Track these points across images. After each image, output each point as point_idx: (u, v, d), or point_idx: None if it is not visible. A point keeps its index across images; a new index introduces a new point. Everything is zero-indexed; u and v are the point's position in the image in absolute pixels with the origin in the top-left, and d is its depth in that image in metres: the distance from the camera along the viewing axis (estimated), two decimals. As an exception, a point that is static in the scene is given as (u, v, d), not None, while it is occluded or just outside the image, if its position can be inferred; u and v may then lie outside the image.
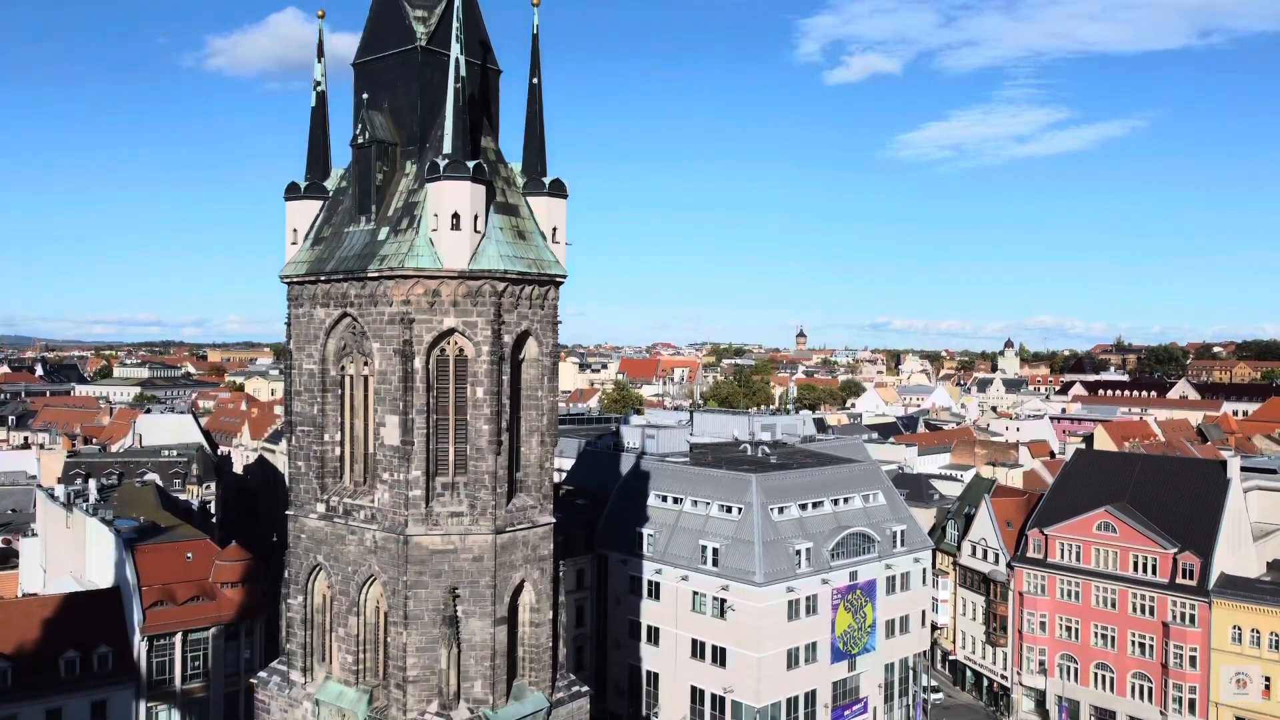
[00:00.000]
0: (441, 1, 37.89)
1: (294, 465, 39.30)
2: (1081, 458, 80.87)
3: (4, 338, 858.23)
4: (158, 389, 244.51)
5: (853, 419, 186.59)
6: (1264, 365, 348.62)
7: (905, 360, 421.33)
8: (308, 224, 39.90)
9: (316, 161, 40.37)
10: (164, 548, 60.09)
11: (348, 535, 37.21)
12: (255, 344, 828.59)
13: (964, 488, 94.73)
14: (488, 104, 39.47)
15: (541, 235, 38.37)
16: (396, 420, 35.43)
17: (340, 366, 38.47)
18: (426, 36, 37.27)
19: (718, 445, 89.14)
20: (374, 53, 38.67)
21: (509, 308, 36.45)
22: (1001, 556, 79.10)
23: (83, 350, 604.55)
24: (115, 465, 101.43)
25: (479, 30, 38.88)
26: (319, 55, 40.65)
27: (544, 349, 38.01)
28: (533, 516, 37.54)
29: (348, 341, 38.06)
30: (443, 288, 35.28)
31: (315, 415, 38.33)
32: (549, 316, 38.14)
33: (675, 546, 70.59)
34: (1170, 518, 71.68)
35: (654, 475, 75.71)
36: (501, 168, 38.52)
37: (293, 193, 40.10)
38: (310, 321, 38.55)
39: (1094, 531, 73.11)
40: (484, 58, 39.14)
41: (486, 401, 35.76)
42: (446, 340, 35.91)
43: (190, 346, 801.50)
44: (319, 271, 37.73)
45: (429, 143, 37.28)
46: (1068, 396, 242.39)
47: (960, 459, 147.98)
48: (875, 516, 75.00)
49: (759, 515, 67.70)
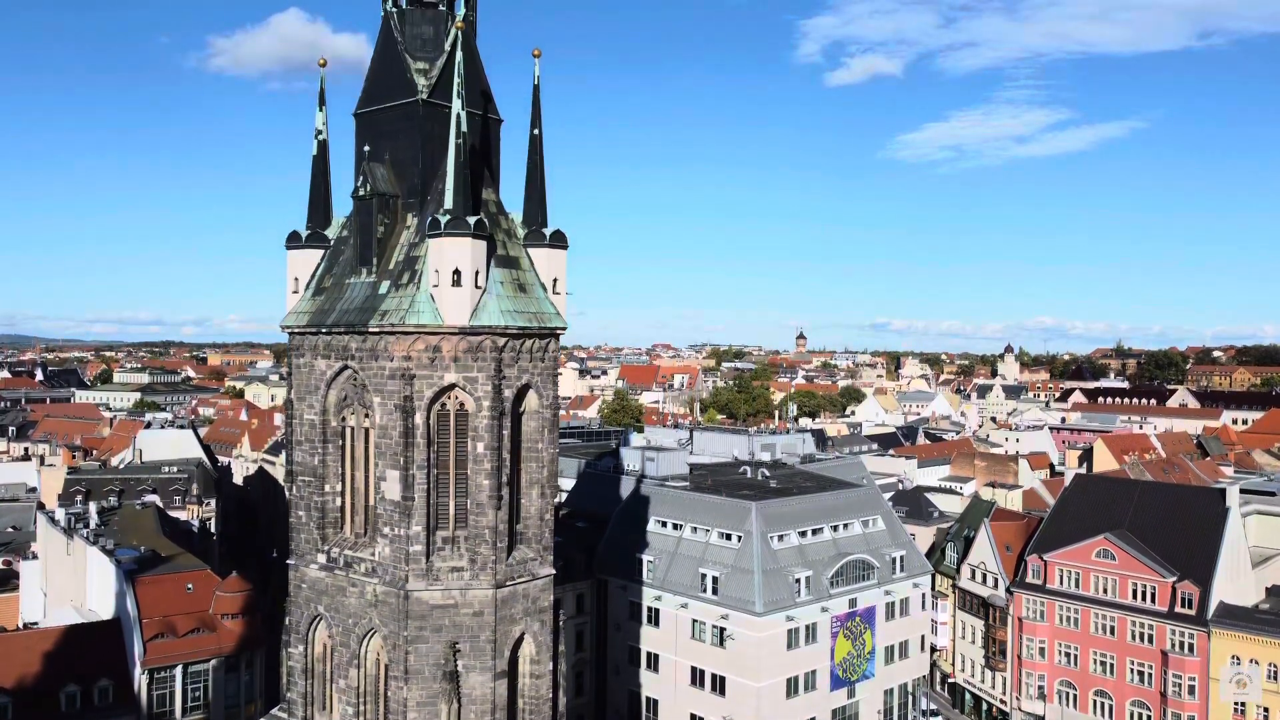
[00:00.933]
0: (443, 54, 37.99)
1: (295, 515, 39.36)
2: (1080, 483, 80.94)
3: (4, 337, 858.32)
4: (158, 394, 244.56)
5: (852, 429, 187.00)
6: (1264, 370, 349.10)
7: (905, 365, 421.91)
8: (309, 273, 39.95)
9: (318, 210, 40.42)
10: (165, 579, 60.16)
11: (348, 587, 37.28)
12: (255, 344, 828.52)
13: (963, 509, 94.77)
14: (489, 154, 39.56)
15: (542, 287, 38.43)
16: (397, 475, 35.51)
17: (341, 417, 38.52)
18: (428, 89, 37.33)
19: (717, 467, 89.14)
20: (376, 103, 38.73)
21: (509, 362, 36.53)
22: (1001, 581, 79.19)
23: (83, 350, 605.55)
24: (116, 482, 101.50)
25: (480, 80, 38.95)
26: (320, 104, 40.69)
27: (544, 401, 38.09)
28: (533, 569, 37.62)
29: (348, 393, 38.11)
30: (444, 343, 35.35)
31: (316, 466, 38.39)
32: (549, 368, 38.23)
33: (675, 573, 70.66)
34: (1169, 545, 71.77)
35: (654, 500, 75.78)
36: (503, 219, 38.60)
37: (294, 241, 40.16)
38: (311, 372, 38.61)
39: (1093, 558, 73.20)
40: (485, 108, 39.20)
41: (487, 457, 35.84)
42: (447, 395, 35.99)
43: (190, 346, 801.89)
44: (320, 324, 37.79)
45: (430, 195, 37.36)
46: (1067, 404, 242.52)
47: (960, 471, 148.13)
48: (875, 542, 75.08)
49: (759, 543, 67.78)
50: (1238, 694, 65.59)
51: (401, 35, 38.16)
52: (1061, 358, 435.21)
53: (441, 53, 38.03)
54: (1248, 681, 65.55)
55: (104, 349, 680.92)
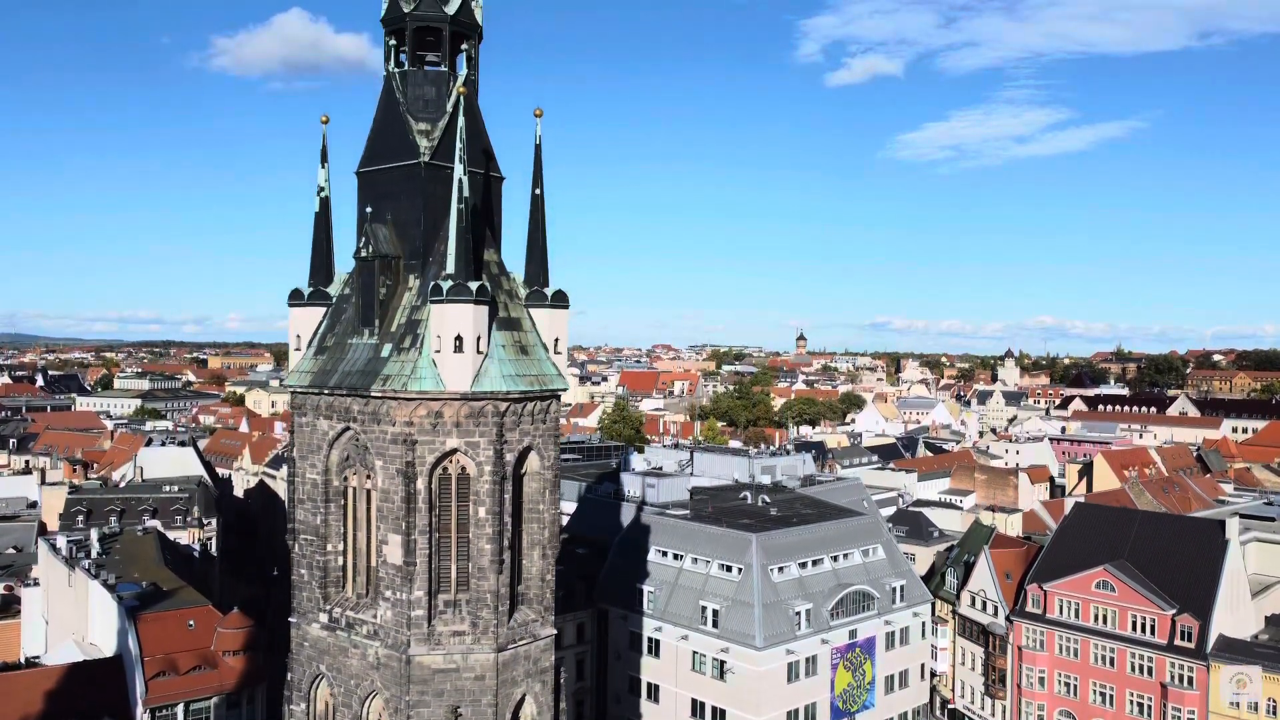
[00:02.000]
0: (444, 115, 38.05)
1: (297, 573, 39.46)
2: (1080, 512, 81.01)
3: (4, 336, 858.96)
4: (158, 401, 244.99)
5: (853, 439, 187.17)
6: (1263, 375, 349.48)
7: (905, 368, 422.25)
8: (311, 330, 40.04)
9: (320, 267, 40.50)
10: (166, 616, 60.25)
11: (350, 648, 37.39)
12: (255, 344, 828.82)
13: (964, 533, 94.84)
14: (490, 213, 39.57)
15: (544, 347, 38.50)
16: (399, 540, 35.60)
17: (343, 477, 38.61)
18: (430, 151, 37.39)
19: (718, 490, 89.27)
20: (377, 163, 38.76)
21: (511, 426, 36.60)
22: (1000, 609, 79.32)
23: (84, 350, 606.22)
24: (117, 502, 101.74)
25: (482, 139, 39.00)
26: (322, 160, 40.77)
27: (545, 462, 38.15)
28: (534, 630, 37.72)
29: (350, 453, 38.19)
30: (445, 409, 35.42)
31: (318, 525, 38.47)
32: (551, 430, 38.29)
33: (675, 605, 70.81)
34: (1169, 577, 71.89)
35: (654, 529, 75.92)
36: (504, 280, 38.66)
37: (296, 299, 40.24)
38: (314, 432, 38.70)
39: (1093, 589, 73.32)
40: (487, 166, 39.24)
41: (489, 521, 35.93)
42: (449, 459, 36.07)
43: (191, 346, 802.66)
44: (322, 385, 37.87)
45: (432, 256, 37.43)
46: (1067, 412, 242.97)
47: (960, 484, 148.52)
48: (875, 572, 75.23)
49: (759, 577, 67.91)
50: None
51: (403, 96, 38.22)
52: (1062, 361, 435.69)
53: (443, 114, 38.09)
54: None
55: (104, 349, 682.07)
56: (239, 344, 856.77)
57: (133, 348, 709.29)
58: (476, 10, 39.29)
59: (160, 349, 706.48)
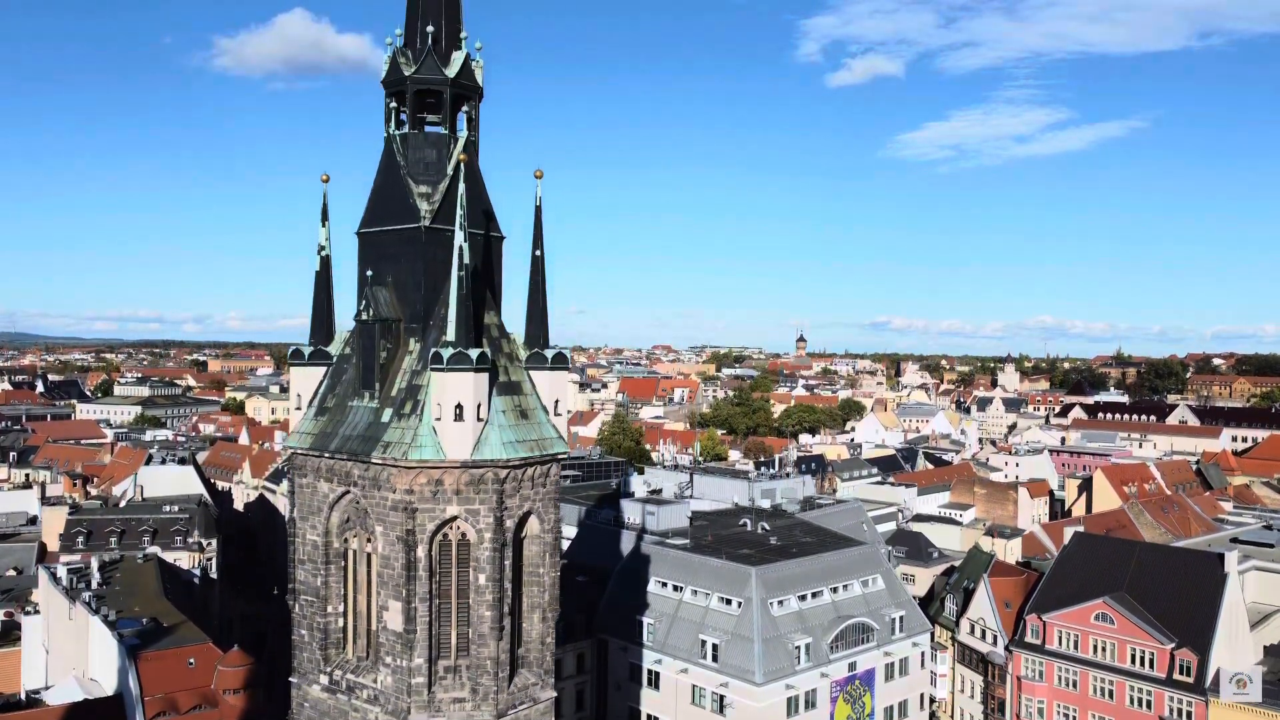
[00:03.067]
0: (445, 178, 38.08)
1: (298, 633, 39.52)
2: (1079, 542, 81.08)
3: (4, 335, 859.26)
4: (158, 408, 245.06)
5: (852, 451, 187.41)
6: (1264, 381, 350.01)
7: (905, 372, 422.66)
8: (311, 390, 40.08)
9: (320, 326, 40.55)
10: (167, 654, 60.33)
11: (351, 712, 37.44)
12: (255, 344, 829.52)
13: (964, 558, 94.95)
14: (490, 273, 39.60)
15: (544, 410, 38.55)
16: (399, 607, 35.65)
17: (344, 539, 38.66)
18: (430, 214, 37.41)
19: (718, 516, 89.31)
20: (378, 225, 38.79)
21: (511, 492, 36.64)
22: (1000, 638, 79.45)
23: (84, 351, 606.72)
24: (117, 523, 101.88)
25: (482, 201, 39.03)
26: (323, 219, 40.84)
27: (546, 525, 38.21)
28: (534, 694, 37.78)
29: (351, 515, 38.24)
30: (446, 477, 35.48)
31: (319, 587, 38.52)
32: (551, 493, 38.33)
33: (675, 637, 70.91)
34: (1168, 609, 71.99)
35: (654, 560, 76.01)
36: (505, 343, 38.69)
37: (296, 359, 40.30)
38: (314, 494, 38.75)
39: (1092, 622, 73.43)
40: (487, 226, 39.26)
41: (489, 588, 35.99)
42: (449, 525, 36.13)
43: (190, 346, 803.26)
44: (323, 448, 37.91)
45: (433, 320, 37.47)
46: (1067, 420, 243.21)
47: (959, 498, 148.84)
48: (874, 603, 75.30)
49: (758, 611, 68.00)
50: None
51: (404, 159, 38.26)
52: (1061, 366, 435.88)
53: (444, 176, 38.12)
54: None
55: (104, 349, 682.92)
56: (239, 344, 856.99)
57: (133, 348, 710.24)
58: (477, 71, 39.36)
59: (160, 349, 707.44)
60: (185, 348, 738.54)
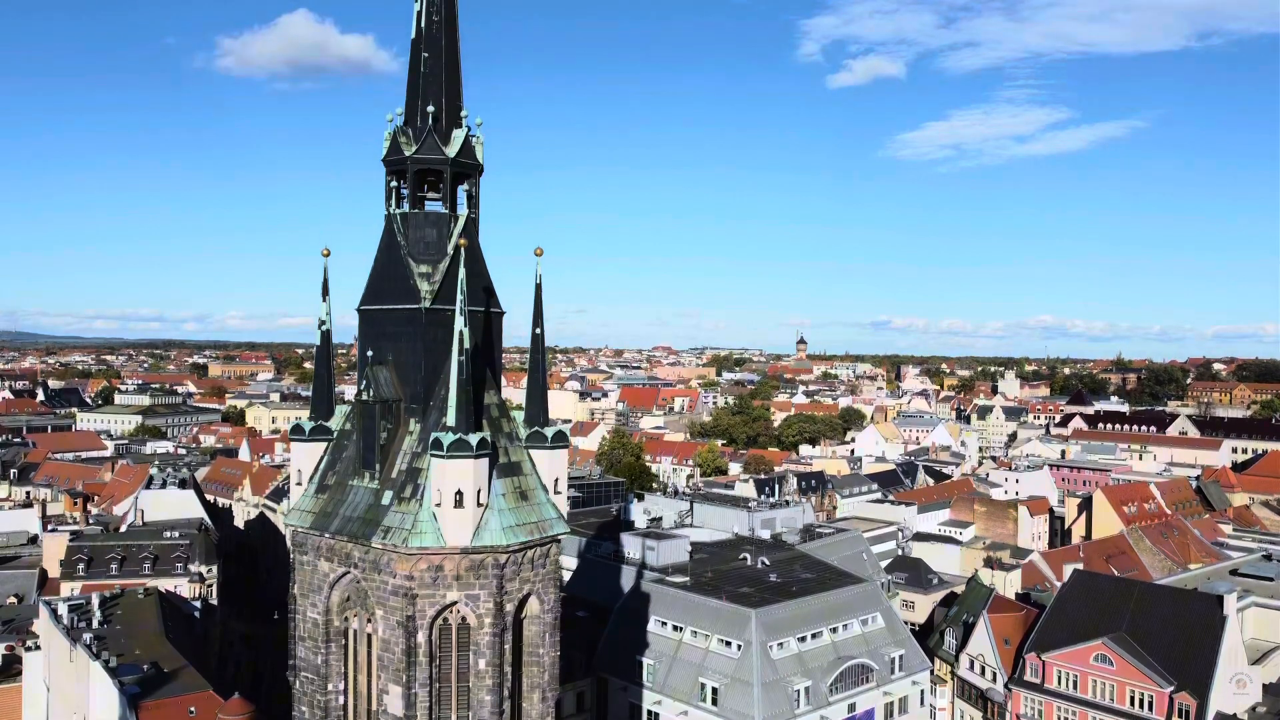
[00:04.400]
0: (445, 257, 38.14)
1: (298, 710, 39.56)
2: (1078, 580, 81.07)
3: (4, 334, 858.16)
4: (159, 417, 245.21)
5: (852, 465, 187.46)
6: (1264, 387, 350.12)
7: (906, 377, 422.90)
8: (312, 465, 40.09)
9: (321, 401, 40.56)
10: (167, 703, 60.37)
11: (351, 793, 37.54)
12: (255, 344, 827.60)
13: (964, 588, 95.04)
14: (491, 349, 39.68)
15: (544, 489, 38.59)
16: (400, 691, 35.71)
17: (344, 617, 38.71)
18: (431, 295, 37.46)
19: (718, 548, 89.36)
20: (379, 303, 38.82)
21: (511, 576, 36.70)
22: (999, 675, 79.54)
23: (84, 353, 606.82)
24: (117, 550, 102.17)
25: (483, 278, 39.08)
26: (324, 295, 40.83)
27: (545, 606, 38.26)
28: (534, 774, 37.89)
29: (351, 594, 38.30)
30: (446, 562, 35.54)
31: (319, 665, 38.56)
32: (551, 574, 38.39)
33: (675, 678, 71.00)
34: (1167, 652, 72.05)
35: (655, 599, 76.07)
36: (505, 423, 38.73)
37: (297, 434, 40.32)
38: (315, 572, 38.79)
39: (1091, 662, 73.51)
40: (488, 303, 39.32)
41: (489, 673, 36.05)
42: (449, 610, 36.20)
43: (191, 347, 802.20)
44: (324, 527, 37.95)
45: (433, 400, 37.52)
46: (1067, 430, 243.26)
47: (959, 515, 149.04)
48: (874, 642, 75.36)
49: (758, 654, 68.08)
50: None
51: (405, 239, 38.30)
52: (1062, 371, 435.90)
53: (444, 256, 38.19)
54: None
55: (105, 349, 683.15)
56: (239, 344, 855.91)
57: (134, 349, 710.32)
58: (478, 148, 39.43)
59: (161, 349, 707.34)
60: (186, 348, 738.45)
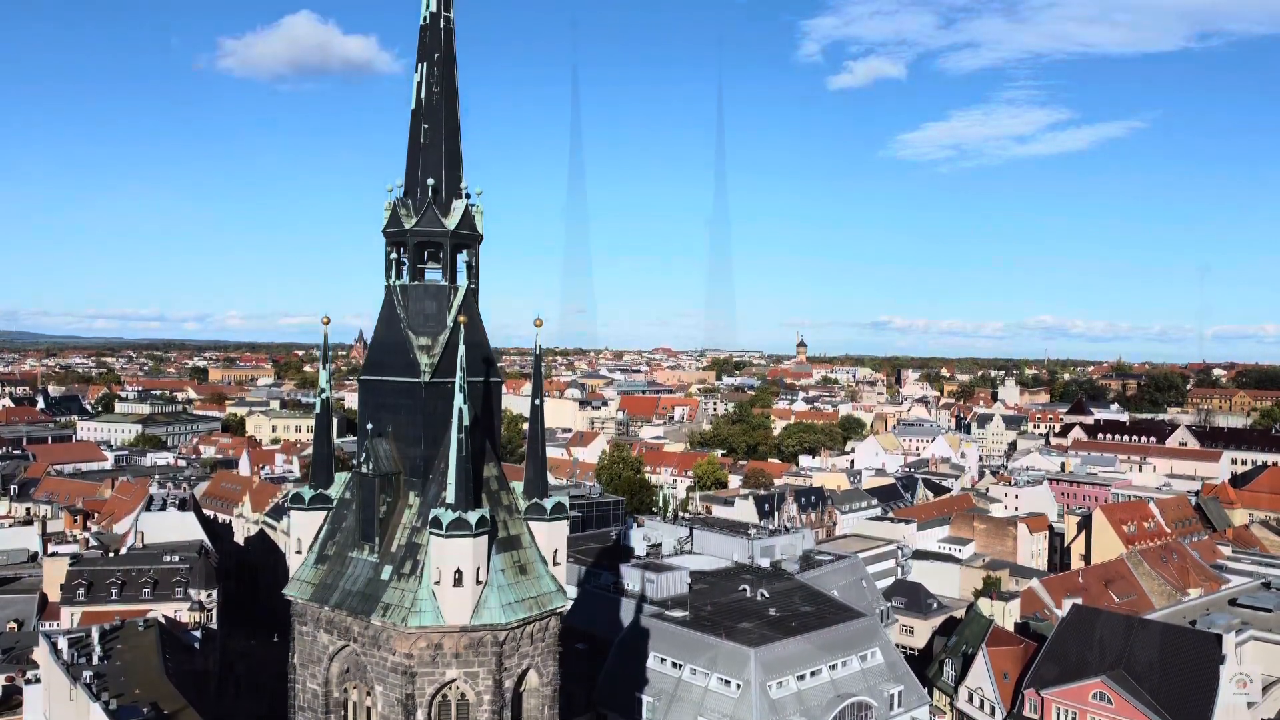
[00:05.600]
0: (445, 329, 38.17)
1: (297, 780, 39.66)
2: (1077, 615, 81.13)
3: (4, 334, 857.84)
4: (159, 426, 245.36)
5: (851, 479, 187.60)
6: (1264, 395, 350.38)
7: (906, 382, 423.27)
8: (311, 534, 40.14)
9: (321, 469, 40.58)
10: (166, 747, 60.64)
11: None
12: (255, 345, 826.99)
13: (963, 617, 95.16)
14: (490, 418, 39.72)
15: (543, 562, 38.65)
16: (399, 768, 35.78)
17: (344, 689, 38.78)
18: (430, 369, 37.50)
19: (717, 578, 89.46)
20: (378, 374, 38.86)
21: (510, 652, 36.74)
22: (998, 710, 79.66)
23: (84, 354, 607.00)
24: (117, 574, 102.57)
25: (483, 348, 39.12)
26: (324, 362, 40.94)
27: (544, 679, 38.30)
28: (533, 847, 37.94)
29: (351, 666, 38.36)
30: (445, 641, 35.58)
31: (318, 736, 38.66)
32: (550, 647, 38.43)
33: (674, 716, 71.09)
34: (1166, 688, 72.16)
35: (654, 634, 76.16)
36: (504, 495, 38.76)
37: (297, 503, 40.37)
38: (314, 643, 38.83)
39: (1090, 700, 73.62)
40: (487, 372, 39.36)
41: (488, 749, 36.12)
42: (448, 687, 36.26)
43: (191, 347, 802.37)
44: (323, 599, 37.99)
45: (433, 474, 37.57)
46: (1067, 440, 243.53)
47: (959, 532, 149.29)
48: (873, 678, 75.45)
49: (757, 694, 68.19)
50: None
51: (404, 311, 38.35)
52: (1061, 377, 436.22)
53: (444, 328, 38.21)
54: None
55: (105, 350, 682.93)
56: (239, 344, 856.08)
57: (134, 349, 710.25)
58: (478, 218, 39.47)
59: (161, 351, 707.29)
60: (186, 349, 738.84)
